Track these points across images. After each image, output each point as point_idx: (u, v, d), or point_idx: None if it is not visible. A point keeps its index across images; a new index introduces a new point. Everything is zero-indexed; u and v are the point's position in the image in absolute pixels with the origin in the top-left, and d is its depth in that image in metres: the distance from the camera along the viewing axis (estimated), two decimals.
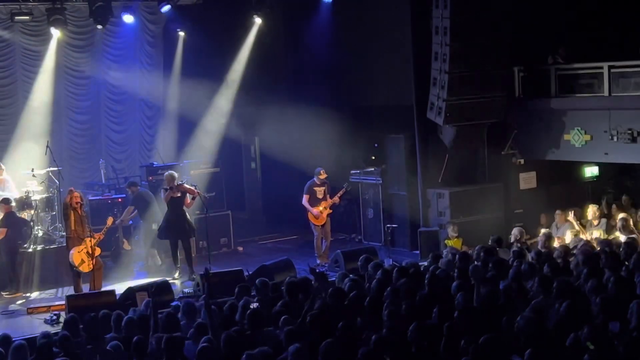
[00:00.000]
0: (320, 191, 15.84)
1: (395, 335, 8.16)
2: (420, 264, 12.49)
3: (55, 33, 16.96)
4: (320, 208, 15.77)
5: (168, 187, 14.85)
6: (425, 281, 10.32)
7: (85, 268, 13.67)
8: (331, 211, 15.98)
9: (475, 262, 11.30)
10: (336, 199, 15.94)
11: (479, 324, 8.25)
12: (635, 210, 15.07)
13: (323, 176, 15.81)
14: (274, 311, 9.56)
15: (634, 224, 14.14)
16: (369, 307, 9.31)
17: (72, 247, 13.69)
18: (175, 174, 15.14)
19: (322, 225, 15.87)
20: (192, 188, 15.08)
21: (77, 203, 13.72)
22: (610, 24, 16.20)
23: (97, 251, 13.71)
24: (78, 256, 13.68)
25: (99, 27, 16.99)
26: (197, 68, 18.14)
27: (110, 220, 14.20)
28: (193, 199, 15.00)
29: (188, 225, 15.11)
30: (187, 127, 18.46)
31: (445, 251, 13.17)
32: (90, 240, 13.59)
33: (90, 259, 13.58)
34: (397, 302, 9.34)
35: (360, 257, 12.42)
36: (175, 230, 15.00)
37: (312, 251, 16.25)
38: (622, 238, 12.64)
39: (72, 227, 13.67)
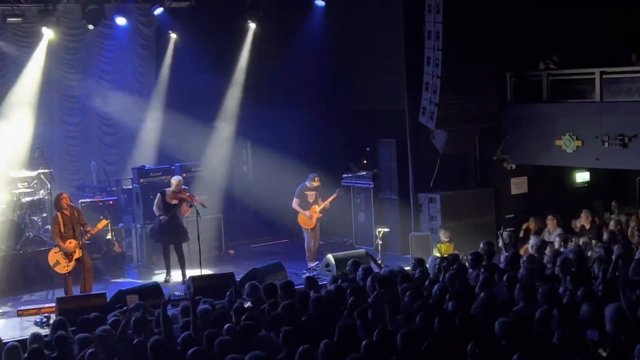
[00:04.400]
0: (311, 195, 15.88)
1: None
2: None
3: (47, 34, 16.92)
4: (312, 210, 15.81)
5: (174, 191, 14.89)
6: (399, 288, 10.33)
7: (60, 269, 13.60)
8: (321, 215, 16.00)
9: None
10: (327, 203, 15.93)
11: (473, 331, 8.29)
12: (625, 215, 15.10)
13: (316, 184, 15.82)
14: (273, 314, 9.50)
15: (624, 228, 14.18)
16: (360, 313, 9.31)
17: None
18: (181, 179, 15.19)
19: (312, 229, 15.89)
20: (191, 196, 15.10)
21: (66, 205, 13.65)
22: (602, 30, 16.25)
23: (77, 254, 13.56)
24: (54, 257, 13.61)
25: (91, 27, 16.95)
26: (190, 70, 18.10)
27: (103, 223, 14.17)
28: (190, 206, 15.00)
29: (182, 229, 15.12)
30: (179, 130, 18.43)
31: (430, 258, 13.09)
32: (71, 242, 13.50)
33: (67, 260, 13.53)
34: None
35: (349, 261, 12.41)
36: (168, 234, 15.01)
37: (304, 255, 16.27)
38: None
39: (62, 230, 13.58)
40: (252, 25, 18.25)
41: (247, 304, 10.26)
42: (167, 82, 18.50)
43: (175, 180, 15.13)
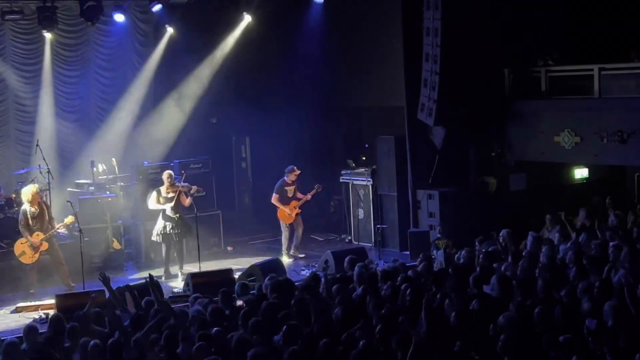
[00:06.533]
0: (290, 190, 16.11)
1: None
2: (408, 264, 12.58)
3: (47, 32, 16.96)
4: (291, 205, 16.05)
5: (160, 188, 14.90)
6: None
7: (26, 260, 14.12)
8: (301, 211, 16.22)
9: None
10: (308, 197, 16.14)
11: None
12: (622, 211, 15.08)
13: (296, 172, 16.04)
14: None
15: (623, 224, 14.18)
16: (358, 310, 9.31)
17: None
18: (172, 173, 15.21)
19: (292, 223, 16.17)
20: (186, 186, 15.10)
21: (36, 199, 14.09)
22: (600, 26, 16.24)
23: (44, 247, 14.08)
24: (20, 247, 14.13)
25: (89, 24, 16.96)
26: (187, 66, 18.11)
27: (70, 220, 14.35)
28: (190, 196, 15.02)
29: (185, 224, 15.09)
30: (177, 127, 18.45)
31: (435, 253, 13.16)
32: (38, 235, 13.97)
33: (33, 252, 14.05)
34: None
35: (346, 258, 12.44)
36: (173, 230, 14.96)
37: (302, 251, 16.35)
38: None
39: (30, 223, 14.03)
40: (248, 18, 18.24)
41: (239, 303, 10.26)
42: (162, 76, 18.49)
43: (165, 174, 15.15)
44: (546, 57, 16.33)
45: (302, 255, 16.21)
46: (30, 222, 14.03)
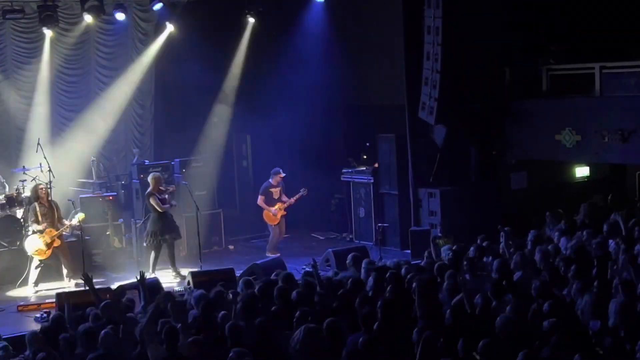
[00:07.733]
0: (276, 192, 16.31)
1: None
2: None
3: (48, 31, 16.96)
4: (277, 207, 16.27)
5: (153, 191, 14.87)
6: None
7: (41, 255, 14.33)
8: (286, 213, 16.41)
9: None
10: (292, 200, 16.33)
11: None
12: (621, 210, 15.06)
13: (281, 175, 16.26)
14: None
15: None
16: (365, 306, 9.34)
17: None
18: (158, 175, 15.19)
19: (277, 224, 16.37)
20: (169, 188, 15.15)
21: (44, 196, 14.39)
22: (601, 24, 16.23)
23: (56, 243, 14.32)
24: (34, 243, 14.29)
25: (89, 19, 16.97)
26: (187, 64, 18.09)
27: (80, 217, 14.41)
28: (168, 194, 15.07)
29: (175, 225, 15.09)
30: (177, 125, 18.44)
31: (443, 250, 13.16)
32: (51, 232, 14.20)
33: (46, 248, 14.28)
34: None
35: (349, 256, 12.46)
36: (165, 231, 14.94)
37: (303, 250, 16.35)
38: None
39: (40, 219, 14.21)
40: (251, 20, 18.26)
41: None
42: (162, 75, 18.48)
43: (151, 178, 15.13)
44: (547, 56, 16.32)
45: (278, 254, 16.08)
46: (40, 219, 14.25)
